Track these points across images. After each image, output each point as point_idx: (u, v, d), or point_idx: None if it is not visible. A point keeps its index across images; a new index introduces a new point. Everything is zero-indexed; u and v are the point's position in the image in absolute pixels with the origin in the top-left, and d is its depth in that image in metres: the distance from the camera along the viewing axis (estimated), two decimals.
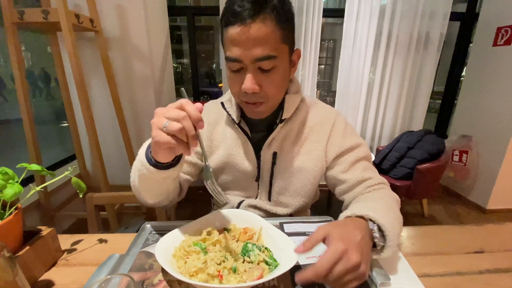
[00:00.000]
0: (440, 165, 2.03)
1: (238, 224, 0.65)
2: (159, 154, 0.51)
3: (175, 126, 0.44)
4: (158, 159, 0.53)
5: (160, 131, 0.46)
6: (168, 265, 0.51)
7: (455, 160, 2.43)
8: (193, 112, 0.45)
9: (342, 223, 0.53)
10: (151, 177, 0.57)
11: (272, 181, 0.78)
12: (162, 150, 0.49)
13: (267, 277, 0.49)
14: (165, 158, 0.52)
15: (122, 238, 0.69)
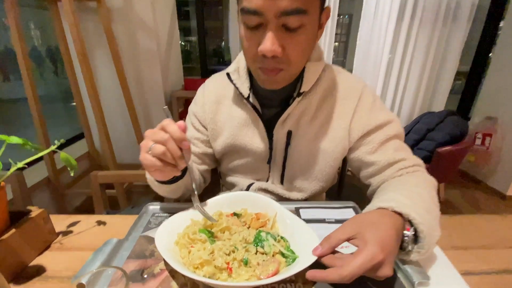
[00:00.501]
0: (463, 149, 1.88)
1: (249, 209, 0.57)
2: (153, 174, 0.51)
3: (159, 149, 0.45)
4: (155, 178, 0.54)
5: (146, 154, 0.47)
6: (169, 254, 0.44)
7: (477, 144, 2.27)
8: (175, 133, 0.45)
9: (376, 220, 0.43)
10: (162, 187, 0.59)
11: (285, 164, 0.69)
12: (153, 171, 0.49)
13: (284, 273, 0.41)
14: (161, 177, 0.52)
15: (123, 220, 0.62)
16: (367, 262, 0.36)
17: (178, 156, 0.46)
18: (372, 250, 0.37)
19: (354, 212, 0.63)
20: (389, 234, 0.40)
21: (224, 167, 0.77)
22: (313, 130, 0.65)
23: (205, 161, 0.75)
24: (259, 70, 0.54)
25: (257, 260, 0.44)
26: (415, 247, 0.44)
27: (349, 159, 0.69)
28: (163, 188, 0.61)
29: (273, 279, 0.40)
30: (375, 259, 0.36)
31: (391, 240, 0.39)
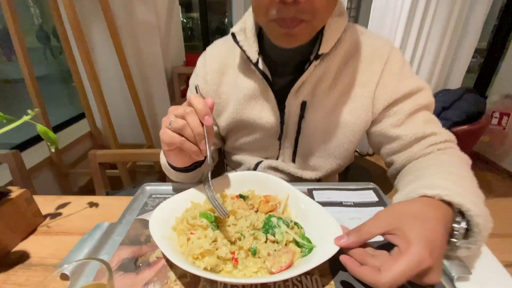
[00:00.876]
0: (479, 128, 1.76)
1: (257, 190, 0.49)
2: (170, 157, 0.47)
3: (179, 122, 0.41)
4: (172, 164, 0.50)
5: (166, 129, 0.43)
6: (165, 242, 0.37)
7: (494, 123, 2.14)
8: (199, 105, 0.40)
9: (419, 212, 0.35)
10: (178, 175, 0.56)
11: (298, 139, 0.60)
12: (172, 153, 0.45)
13: (301, 267, 0.34)
14: (178, 162, 0.48)
15: (116, 201, 0.56)
16: (412, 268, 0.29)
17: (199, 132, 0.40)
18: (418, 253, 0.29)
19: (375, 194, 0.55)
20: (437, 231, 0.32)
21: (230, 145, 0.69)
22: (331, 100, 0.56)
23: (214, 141, 0.68)
24: (274, 23, 0.44)
25: (268, 249, 0.38)
26: (465, 243, 0.36)
27: (370, 133, 0.61)
28: (179, 176, 0.55)
29: (288, 273, 0.33)
30: (422, 264, 0.29)
31: (440, 240, 0.31)
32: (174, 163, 0.49)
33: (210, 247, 0.36)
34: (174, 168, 0.53)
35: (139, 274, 0.40)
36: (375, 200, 0.54)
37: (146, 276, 0.39)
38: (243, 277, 0.36)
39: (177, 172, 0.54)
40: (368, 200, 0.54)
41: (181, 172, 0.53)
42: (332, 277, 0.38)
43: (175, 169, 0.53)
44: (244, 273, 0.36)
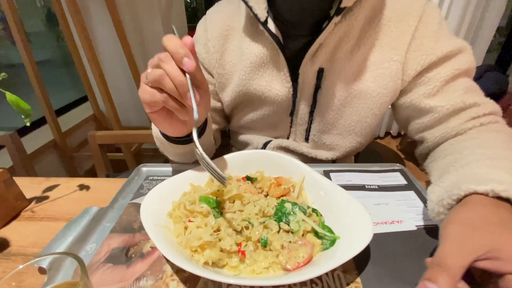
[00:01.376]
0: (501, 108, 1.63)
1: (267, 172, 0.42)
2: (159, 123, 0.39)
3: (155, 72, 0.32)
4: (165, 132, 0.41)
5: (144, 85, 0.35)
6: (158, 231, 0.31)
7: None
8: (174, 47, 0.31)
9: (503, 219, 0.26)
10: (173, 149, 0.46)
11: (313, 114, 0.52)
12: (158, 116, 0.37)
13: (322, 265, 0.27)
14: (171, 129, 0.39)
15: (110, 184, 0.49)
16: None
17: (180, 81, 0.32)
18: None
19: (403, 176, 0.48)
20: None
21: (235, 123, 0.61)
22: (353, 65, 0.47)
23: (214, 119, 0.60)
24: None
25: (281, 241, 0.31)
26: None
27: (397, 105, 0.52)
28: (174, 150, 0.46)
29: (309, 272, 0.26)
30: None
31: None
32: (167, 131, 0.40)
33: (212, 238, 0.29)
34: (168, 139, 0.44)
35: (130, 266, 0.34)
36: (403, 183, 0.46)
37: (138, 270, 0.33)
38: (251, 274, 0.29)
39: (173, 145, 0.44)
40: (395, 183, 0.46)
41: (178, 145, 0.44)
42: (358, 273, 0.32)
43: (170, 140, 0.43)
44: (253, 268, 0.29)
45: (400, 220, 0.39)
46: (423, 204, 0.42)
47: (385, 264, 0.33)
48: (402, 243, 0.36)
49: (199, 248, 0.29)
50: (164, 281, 0.32)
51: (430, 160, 0.47)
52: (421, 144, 0.51)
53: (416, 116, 0.49)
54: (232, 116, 0.61)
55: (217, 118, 0.60)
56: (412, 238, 0.36)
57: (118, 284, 0.32)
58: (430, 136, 0.48)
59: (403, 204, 0.42)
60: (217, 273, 0.28)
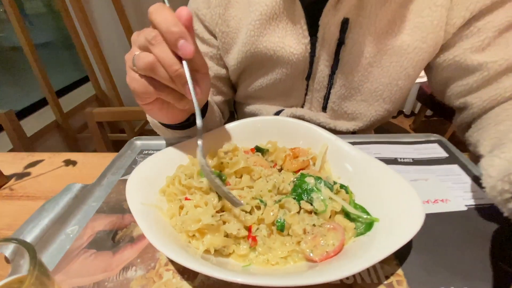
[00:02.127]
0: None
1: (281, 142, 0.34)
2: (154, 114, 0.33)
3: (144, 59, 0.25)
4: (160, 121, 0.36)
5: (132, 72, 0.28)
6: (145, 211, 0.24)
7: None
8: (165, 23, 0.24)
9: None
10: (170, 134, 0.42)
11: (334, 77, 0.43)
12: (153, 107, 0.31)
13: (361, 258, 0.20)
14: (168, 118, 0.33)
15: (99, 159, 0.43)
16: None
17: (176, 71, 0.25)
18: None
19: (442, 148, 0.39)
20: None
21: (242, 92, 0.53)
22: (385, 14, 0.37)
23: (219, 88, 0.52)
24: None
25: (303, 224, 0.24)
26: None
27: (436, 64, 0.42)
28: (174, 135, 0.41)
29: (343, 267, 0.19)
30: None
31: None
32: (163, 121, 0.34)
33: (213, 220, 0.22)
34: (166, 125, 0.38)
35: (116, 253, 0.27)
36: (444, 156, 0.38)
37: (125, 257, 0.27)
38: (265, 264, 0.22)
39: (172, 131, 0.40)
40: (434, 156, 0.38)
41: (177, 130, 0.39)
42: (399, 264, 0.25)
43: (168, 126, 0.38)
44: (267, 258, 0.23)
45: (445, 199, 0.31)
46: (471, 180, 0.34)
47: (431, 252, 0.26)
48: (450, 226, 0.29)
49: (198, 233, 0.22)
50: (157, 271, 0.25)
51: (475, 128, 0.39)
52: (463, 111, 0.42)
53: (459, 76, 0.40)
54: (238, 84, 0.53)
55: (222, 88, 0.52)
56: (462, 220, 0.29)
57: (101, 274, 0.26)
58: (476, 100, 0.39)
59: (447, 180, 0.34)
60: (221, 264, 0.21)
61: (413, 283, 0.24)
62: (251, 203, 0.25)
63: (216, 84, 0.51)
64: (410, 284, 0.24)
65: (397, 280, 0.24)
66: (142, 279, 0.25)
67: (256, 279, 0.18)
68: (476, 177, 0.34)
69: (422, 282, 0.24)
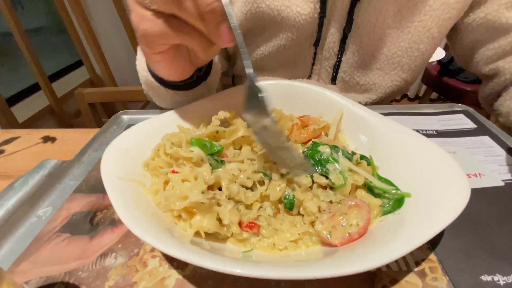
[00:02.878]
0: None
1: (287, 109, 0.29)
2: (161, 67, 0.26)
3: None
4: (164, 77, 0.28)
5: (143, 10, 0.21)
6: (122, 186, 0.19)
7: None
8: None
9: None
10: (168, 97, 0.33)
11: (346, 42, 0.38)
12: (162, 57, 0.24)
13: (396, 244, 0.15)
14: (172, 72, 0.26)
15: (81, 135, 0.38)
16: None
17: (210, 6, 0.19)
18: None
19: (469, 119, 0.34)
20: None
21: (241, 63, 0.47)
22: None
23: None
24: None
25: (317, 201, 0.19)
26: None
27: (463, 25, 0.37)
28: (172, 98, 0.33)
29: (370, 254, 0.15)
30: None
31: None
32: (168, 75, 0.27)
33: (203, 198, 0.17)
34: (165, 84, 0.31)
35: (94, 238, 0.23)
36: (472, 127, 0.33)
37: (105, 242, 0.23)
38: (271, 249, 0.18)
39: (173, 92, 0.32)
40: (461, 127, 0.33)
41: (180, 91, 0.31)
42: (432, 248, 0.20)
43: (168, 86, 0.31)
44: (273, 242, 0.18)
45: (478, 173, 0.27)
46: (506, 152, 0.29)
47: (468, 233, 0.22)
48: (487, 203, 0.24)
49: (185, 213, 0.18)
50: (140, 259, 0.21)
51: (508, 96, 0.34)
52: (493, 79, 0.37)
53: (490, 38, 0.35)
54: (236, 55, 0.47)
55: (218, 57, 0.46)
56: (499, 197, 0.25)
57: (74, 262, 0.21)
58: (509, 65, 0.34)
59: (478, 153, 0.29)
60: (215, 250, 0.17)
61: (450, 270, 0.19)
62: (253, 177, 0.21)
63: None
64: (446, 271, 0.19)
65: (430, 267, 0.20)
66: (123, 268, 0.21)
67: (259, 270, 0.13)
68: (511, 149, 0.29)
69: (460, 269, 0.20)
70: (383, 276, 0.19)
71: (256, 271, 0.13)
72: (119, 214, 0.16)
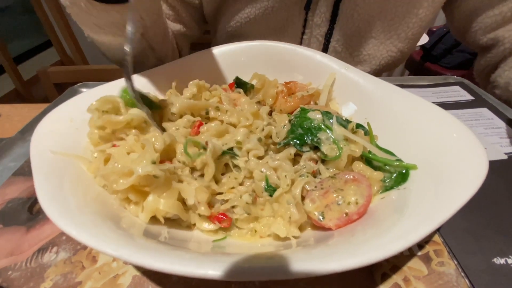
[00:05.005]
0: None
1: (271, 74, 0.24)
2: None
3: None
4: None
5: None
6: (54, 163, 0.15)
7: None
8: None
9: None
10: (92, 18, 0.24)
11: (340, 6, 0.33)
12: None
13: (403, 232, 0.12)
14: None
15: (30, 111, 0.32)
16: None
17: None
18: None
19: (466, 91, 0.32)
20: None
21: (222, 29, 0.41)
22: None
23: (180, 15, 0.38)
24: None
25: (305, 178, 0.15)
26: None
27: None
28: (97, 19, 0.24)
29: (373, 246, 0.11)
30: None
31: None
32: None
33: (155, 169, 0.13)
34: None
35: (32, 229, 0.18)
36: (469, 99, 0.30)
37: (46, 234, 0.18)
38: (250, 237, 0.14)
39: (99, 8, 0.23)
40: (457, 99, 0.30)
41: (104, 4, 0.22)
42: (437, 229, 0.18)
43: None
44: (254, 228, 0.15)
45: None
46: (506, 124, 0.27)
47: (475, 211, 0.20)
48: (491, 177, 0.21)
49: (135, 194, 0.13)
50: (89, 253, 0.17)
51: (507, 67, 0.31)
52: (491, 50, 0.34)
53: (489, 4, 0.32)
54: (217, 19, 0.40)
55: (184, 17, 0.38)
56: (504, 170, 0.23)
57: (5, 259, 0.17)
58: (510, 33, 0.31)
59: (478, 125, 0.27)
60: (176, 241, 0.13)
61: (458, 253, 0.17)
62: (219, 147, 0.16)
63: (177, 7, 0.37)
64: (454, 254, 0.17)
65: (435, 250, 0.17)
66: (65, 265, 0.16)
67: (229, 272, 0.09)
68: (511, 121, 0.27)
69: (469, 252, 0.17)
70: (383, 262, 0.16)
71: (225, 273, 0.09)
72: (39, 199, 0.12)
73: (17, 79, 1.39)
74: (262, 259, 0.10)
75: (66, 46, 1.54)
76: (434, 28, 1.74)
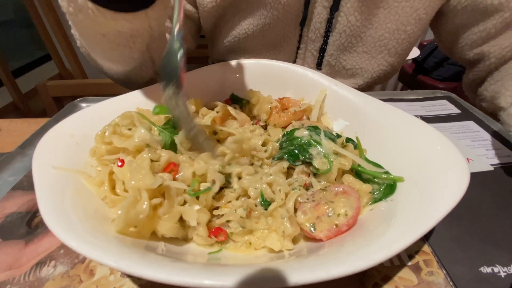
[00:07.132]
0: None
1: (265, 90, 0.26)
2: None
3: None
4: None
5: None
6: (56, 179, 0.15)
7: None
8: None
9: None
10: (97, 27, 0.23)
11: (333, 22, 0.35)
12: None
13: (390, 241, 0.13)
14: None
15: (30, 126, 0.33)
16: None
17: None
18: None
19: (453, 104, 0.33)
20: None
21: (220, 45, 0.42)
22: None
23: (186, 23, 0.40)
24: None
25: (298, 191, 0.16)
26: None
27: (449, 8, 0.35)
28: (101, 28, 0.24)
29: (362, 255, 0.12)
30: None
31: None
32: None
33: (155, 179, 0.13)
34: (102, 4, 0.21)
35: (31, 243, 0.19)
36: (456, 112, 0.32)
37: (44, 248, 0.18)
38: (245, 249, 0.15)
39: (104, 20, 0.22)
40: (445, 113, 0.32)
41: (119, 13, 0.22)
42: (425, 239, 0.18)
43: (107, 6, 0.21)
44: (249, 241, 0.15)
45: (466, 159, 0.25)
46: (492, 136, 0.28)
47: (462, 221, 0.20)
48: (478, 188, 0.23)
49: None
50: (86, 266, 0.17)
51: (493, 81, 0.33)
52: (477, 64, 0.36)
53: (475, 21, 0.34)
54: (215, 34, 0.42)
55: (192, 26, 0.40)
56: (490, 181, 0.24)
57: (3, 273, 0.17)
58: (494, 49, 0.33)
59: (465, 138, 0.28)
60: (173, 254, 0.13)
61: (446, 263, 0.17)
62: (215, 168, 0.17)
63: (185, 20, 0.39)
64: (442, 264, 0.17)
65: (424, 260, 0.18)
66: (63, 279, 0.17)
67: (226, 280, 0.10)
68: (497, 133, 0.28)
69: (457, 261, 0.18)
70: (374, 273, 0.16)
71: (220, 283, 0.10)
72: (41, 213, 0.12)
73: (15, 92, 1.40)
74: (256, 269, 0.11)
75: (65, 59, 1.57)
76: (425, 42, 1.80)
